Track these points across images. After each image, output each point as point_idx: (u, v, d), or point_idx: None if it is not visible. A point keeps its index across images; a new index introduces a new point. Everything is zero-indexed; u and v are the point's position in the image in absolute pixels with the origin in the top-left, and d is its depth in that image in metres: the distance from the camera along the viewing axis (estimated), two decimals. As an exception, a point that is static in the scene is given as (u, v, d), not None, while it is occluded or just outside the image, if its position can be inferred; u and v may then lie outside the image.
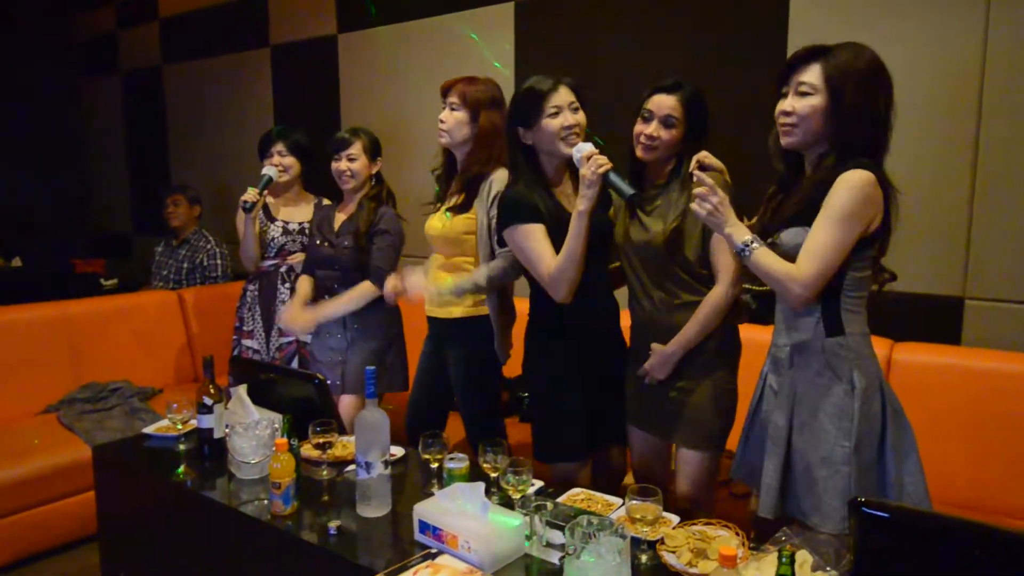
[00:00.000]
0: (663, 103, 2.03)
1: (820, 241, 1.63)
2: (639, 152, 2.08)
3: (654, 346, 2.07)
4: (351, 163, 2.83)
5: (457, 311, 2.45)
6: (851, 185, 1.61)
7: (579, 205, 1.98)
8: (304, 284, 2.91)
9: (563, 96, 2.08)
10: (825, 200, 1.64)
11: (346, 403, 2.84)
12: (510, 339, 2.50)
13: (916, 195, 2.55)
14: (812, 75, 1.68)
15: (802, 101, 1.69)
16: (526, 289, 2.26)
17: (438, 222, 2.47)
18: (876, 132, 1.67)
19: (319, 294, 2.89)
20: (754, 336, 2.15)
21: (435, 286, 2.39)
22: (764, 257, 1.69)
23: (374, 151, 2.88)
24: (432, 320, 2.55)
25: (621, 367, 2.20)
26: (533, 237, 2.06)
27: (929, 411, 2.41)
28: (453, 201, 2.45)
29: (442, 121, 2.44)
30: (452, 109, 2.43)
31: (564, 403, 2.15)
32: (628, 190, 1.95)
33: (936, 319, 2.65)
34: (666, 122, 2.03)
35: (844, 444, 1.67)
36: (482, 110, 2.41)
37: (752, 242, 1.69)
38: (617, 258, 2.20)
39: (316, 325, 2.80)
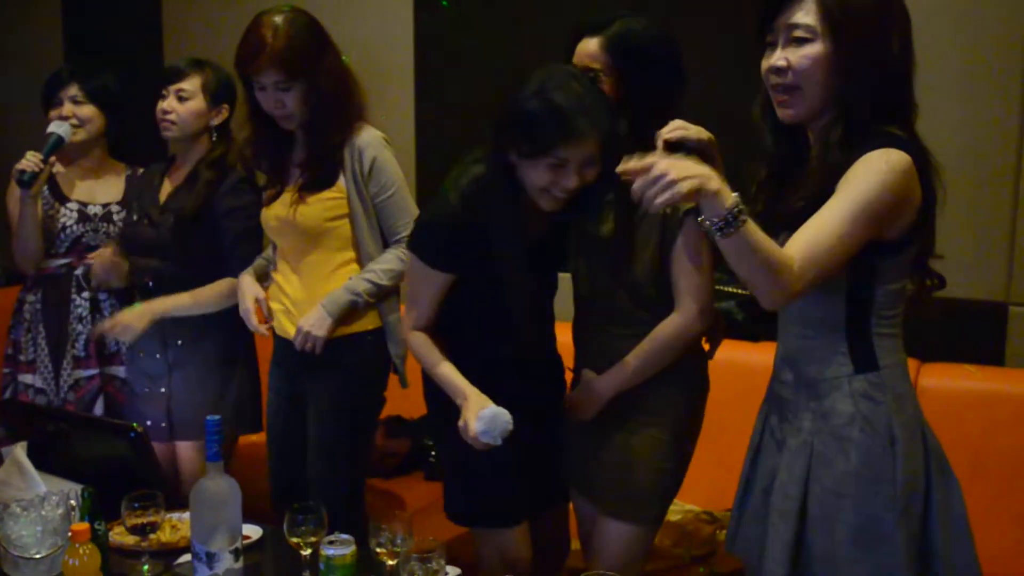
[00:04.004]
0: (583, 51, 1.97)
1: (828, 227, 1.57)
2: None
3: (585, 373, 2.10)
4: (179, 103, 2.76)
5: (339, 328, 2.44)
6: (880, 168, 1.58)
7: None
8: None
9: (584, 149, 1.89)
10: (844, 177, 1.61)
11: (184, 455, 2.79)
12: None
13: (948, 173, 2.63)
14: (806, 14, 1.65)
15: (799, 51, 1.65)
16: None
17: (284, 209, 2.45)
18: (895, 88, 1.66)
19: (135, 294, 2.86)
20: (743, 357, 2.18)
21: (316, 308, 2.37)
22: (755, 233, 1.52)
23: (218, 93, 2.81)
24: (285, 342, 2.51)
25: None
26: (426, 281, 2.10)
27: (966, 452, 2.40)
28: (300, 179, 2.46)
29: (283, 105, 2.38)
30: (281, 89, 2.36)
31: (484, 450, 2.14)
32: None
33: (974, 331, 2.73)
34: None
35: (885, 516, 1.67)
36: (318, 74, 2.37)
37: (741, 210, 1.50)
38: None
39: (148, 323, 2.69)
